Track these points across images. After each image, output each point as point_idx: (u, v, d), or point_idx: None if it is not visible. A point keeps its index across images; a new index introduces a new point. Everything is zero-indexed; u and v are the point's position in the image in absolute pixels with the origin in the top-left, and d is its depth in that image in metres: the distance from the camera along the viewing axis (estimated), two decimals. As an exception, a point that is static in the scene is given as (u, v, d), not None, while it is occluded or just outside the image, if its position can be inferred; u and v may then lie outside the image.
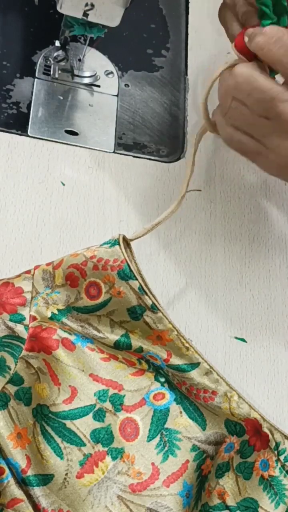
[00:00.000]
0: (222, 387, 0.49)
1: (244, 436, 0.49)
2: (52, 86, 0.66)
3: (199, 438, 0.47)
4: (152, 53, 0.72)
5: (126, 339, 0.49)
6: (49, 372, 0.47)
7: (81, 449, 0.45)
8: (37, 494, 0.43)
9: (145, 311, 0.48)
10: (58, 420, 0.46)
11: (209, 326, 0.57)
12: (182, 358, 0.49)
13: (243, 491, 0.48)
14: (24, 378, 0.45)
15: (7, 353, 0.46)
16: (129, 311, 0.48)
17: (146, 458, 0.46)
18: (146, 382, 0.49)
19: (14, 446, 0.43)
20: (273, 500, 0.48)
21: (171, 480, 0.45)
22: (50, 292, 0.50)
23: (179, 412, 0.48)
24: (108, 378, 0.48)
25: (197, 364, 0.48)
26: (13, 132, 0.62)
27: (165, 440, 0.47)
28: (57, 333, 0.48)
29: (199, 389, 0.49)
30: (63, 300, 0.49)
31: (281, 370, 0.57)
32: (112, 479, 0.45)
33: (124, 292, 0.48)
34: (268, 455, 0.49)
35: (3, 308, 0.49)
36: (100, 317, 0.49)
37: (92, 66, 0.67)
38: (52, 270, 0.50)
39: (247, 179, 0.66)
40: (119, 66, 0.69)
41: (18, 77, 0.65)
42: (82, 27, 0.60)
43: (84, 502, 0.44)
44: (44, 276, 0.50)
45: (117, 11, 0.56)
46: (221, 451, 0.48)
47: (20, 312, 0.49)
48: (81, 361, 0.48)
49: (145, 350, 0.49)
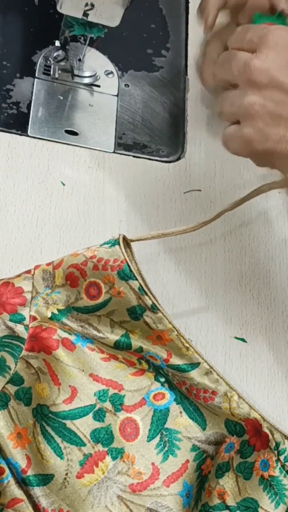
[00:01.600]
0: (222, 387, 0.49)
1: (244, 436, 0.49)
2: (52, 86, 0.66)
3: (199, 438, 0.47)
4: (152, 53, 0.72)
5: (126, 339, 0.49)
6: (49, 372, 0.47)
7: (81, 449, 0.46)
8: (37, 494, 0.43)
9: (145, 311, 0.48)
10: (58, 420, 0.46)
11: (209, 326, 0.57)
12: (182, 358, 0.49)
13: (243, 491, 0.48)
14: (24, 378, 0.45)
15: (7, 353, 0.46)
16: (129, 311, 0.48)
17: (146, 458, 0.46)
18: (146, 382, 0.49)
19: (14, 446, 0.43)
20: (273, 500, 0.48)
21: (171, 480, 0.45)
22: (50, 292, 0.50)
23: (179, 412, 0.48)
24: (108, 378, 0.48)
25: (197, 364, 0.48)
26: (13, 132, 0.62)
27: (165, 440, 0.47)
28: (57, 333, 0.48)
29: (199, 389, 0.49)
30: (63, 300, 0.49)
31: (281, 370, 0.57)
32: (112, 479, 0.45)
33: (124, 292, 0.48)
34: (268, 455, 0.49)
35: (3, 308, 0.49)
36: (100, 317, 0.49)
37: (92, 66, 0.67)
38: (52, 270, 0.50)
39: (247, 179, 0.66)
40: (119, 66, 0.69)
41: (18, 77, 0.65)
42: (82, 27, 0.60)
43: (84, 502, 0.44)
44: (44, 276, 0.50)
45: (117, 11, 0.56)
46: (221, 451, 0.48)
47: (20, 312, 0.49)
48: (81, 361, 0.48)
49: (145, 350, 0.49)
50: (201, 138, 0.67)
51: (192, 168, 0.65)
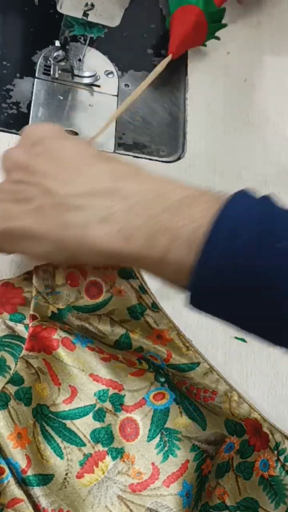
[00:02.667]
0: (222, 387, 0.49)
1: (244, 436, 0.49)
2: (52, 86, 0.66)
3: (199, 438, 0.47)
4: (152, 53, 0.72)
5: (126, 338, 0.49)
6: (49, 372, 0.47)
7: (81, 449, 0.45)
8: (37, 494, 0.43)
9: (146, 310, 0.48)
10: (58, 420, 0.46)
11: (209, 326, 0.57)
12: (182, 357, 0.49)
13: (243, 491, 0.48)
14: (24, 378, 0.45)
15: (7, 353, 0.46)
16: (129, 310, 0.48)
17: (146, 458, 0.46)
18: (146, 382, 0.49)
19: (14, 446, 0.43)
20: (273, 500, 0.48)
21: (171, 480, 0.45)
22: (51, 292, 0.50)
23: (179, 412, 0.48)
24: (108, 378, 0.48)
25: (197, 363, 0.48)
26: (13, 132, 0.62)
27: (165, 440, 0.47)
28: (57, 332, 0.48)
29: (199, 388, 0.49)
30: (63, 300, 0.49)
31: (281, 370, 0.57)
32: (112, 479, 0.45)
33: (125, 291, 0.48)
34: (268, 455, 0.49)
35: (3, 307, 0.49)
36: (101, 316, 0.49)
37: (92, 66, 0.67)
38: (53, 270, 0.50)
39: (247, 179, 0.66)
40: (119, 66, 0.69)
41: (18, 77, 0.65)
42: (82, 27, 0.60)
43: (84, 502, 0.44)
44: (44, 276, 0.50)
45: (117, 11, 0.56)
46: (221, 451, 0.48)
47: (21, 311, 0.49)
48: (81, 361, 0.48)
49: (145, 349, 0.49)
50: (201, 138, 0.67)
51: (192, 168, 0.65)
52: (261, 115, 0.71)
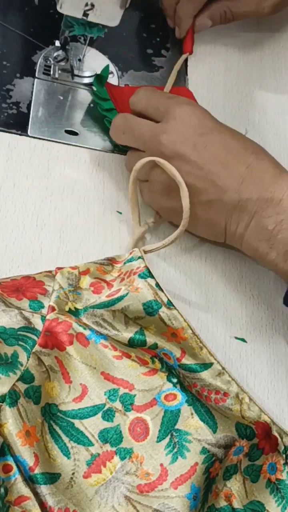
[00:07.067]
0: (233, 389, 0.48)
1: (254, 439, 0.48)
2: (52, 86, 0.66)
3: (209, 441, 0.46)
4: (152, 53, 0.72)
5: (140, 336, 0.49)
6: (61, 370, 0.47)
7: (88, 449, 0.45)
8: (44, 493, 0.42)
9: (161, 307, 0.48)
10: (66, 420, 0.46)
11: (209, 326, 0.57)
12: (195, 358, 0.48)
13: (250, 494, 0.48)
14: (35, 376, 0.45)
15: (20, 347, 0.46)
16: (145, 306, 0.48)
17: (155, 458, 0.46)
18: (158, 382, 0.48)
19: (22, 443, 0.43)
20: (280, 504, 0.48)
21: (179, 482, 0.45)
22: (73, 290, 0.50)
23: (190, 414, 0.47)
24: (119, 377, 0.48)
25: (209, 364, 0.48)
26: (13, 132, 0.62)
27: (175, 441, 0.46)
28: (73, 327, 0.48)
29: (211, 390, 0.48)
30: (82, 301, 0.50)
31: (281, 370, 0.57)
32: (120, 479, 0.45)
33: (141, 288, 0.48)
34: (276, 459, 0.49)
35: (23, 294, 0.49)
36: (115, 312, 0.49)
37: (92, 66, 0.67)
38: (78, 275, 0.51)
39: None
40: (119, 66, 0.69)
41: (18, 77, 0.65)
42: (82, 27, 0.60)
43: (91, 502, 0.44)
44: (69, 277, 0.50)
45: (117, 11, 0.57)
46: (230, 454, 0.48)
47: (40, 300, 0.49)
48: (94, 358, 0.48)
49: (160, 347, 0.49)
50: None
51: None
52: (261, 115, 0.71)
